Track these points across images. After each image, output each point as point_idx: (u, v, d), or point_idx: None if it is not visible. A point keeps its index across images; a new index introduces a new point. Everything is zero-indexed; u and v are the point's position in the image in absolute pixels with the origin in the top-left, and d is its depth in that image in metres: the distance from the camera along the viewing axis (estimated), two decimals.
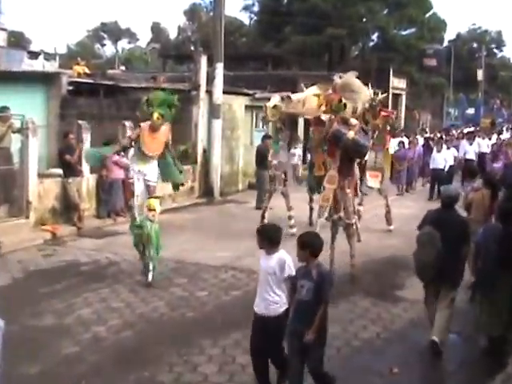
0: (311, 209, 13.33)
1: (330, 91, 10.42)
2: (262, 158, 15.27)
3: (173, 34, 74.75)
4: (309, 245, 5.58)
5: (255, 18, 53.36)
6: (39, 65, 31.61)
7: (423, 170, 21.47)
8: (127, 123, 15.00)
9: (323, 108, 10.34)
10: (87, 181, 13.74)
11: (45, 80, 15.62)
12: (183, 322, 7.93)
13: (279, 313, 5.67)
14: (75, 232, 12.74)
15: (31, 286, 9.18)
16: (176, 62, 49.11)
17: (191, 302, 8.67)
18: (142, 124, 9.76)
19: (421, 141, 23.22)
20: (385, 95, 12.00)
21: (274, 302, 5.68)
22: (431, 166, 19.41)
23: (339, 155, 9.71)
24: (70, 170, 13.08)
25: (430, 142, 22.37)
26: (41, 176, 12.83)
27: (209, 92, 18.25)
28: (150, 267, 9.33)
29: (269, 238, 5.73)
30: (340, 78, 10.45)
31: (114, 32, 77.53)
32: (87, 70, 25.62)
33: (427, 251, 6.89)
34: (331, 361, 6.29)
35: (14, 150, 12.55)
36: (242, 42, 53.53)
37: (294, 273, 5.66)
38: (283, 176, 12.99)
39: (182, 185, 10.97)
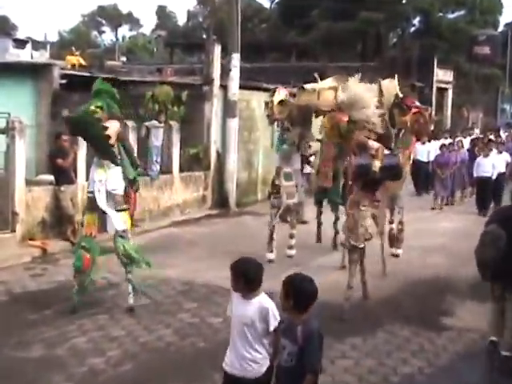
0: (319, 224, 13.19)
1: (335, 112, 10.40)
2: None
3: (181, 20, 75.49)
4: (292, 293, 4.79)
5: (277, 0, 53.61)
6: (27, 55, 32.04)
7: (465, 179, 20.70)
8: (129, 123, 15.11)
9: (329, 133, 10.39)
10: (82, 189, 13.80)
11: (33, 72, 15.76)
12: (193, 353, 7.96)
13: (260, 373, 5.07)
14: (68, 248, 12.79)
15: (17, 312, 9.24)
16: (185, 52, 49.51)
17: (202, 329, 8.70)
18: None
19: (466, 143, 22.55)
20: (405, 90, 11.90)
21: (253, 360, 5.08)
22: (475, 174, 18.79)
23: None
24: (63, 176, 13.19)
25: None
26: (29, 183, 12.94)
27: (223, 87, 18.35)
28: (130, 289, 9.33)
29: (246, 277, 5.07)
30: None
31: (113, 17, 78.25)
32: (82, 61, 25.91)
33: (486, 250, 7.28)
34: None
35: None
36: (262, 29, 53.78)
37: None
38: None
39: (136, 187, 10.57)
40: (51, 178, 13.42)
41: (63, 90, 16.51)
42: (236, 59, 18.23)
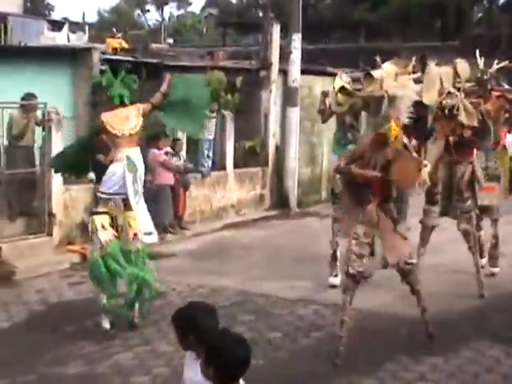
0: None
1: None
2: None
3: None
4: (215, 360, 3.90)
5: None
6: (63, 38, 32.59)
7: None
8: None
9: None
10: None
11: (71, 57, 15.98)
12: (249, 373, 7.92)
13: None
14: None
15: (54, 323, 9.39)
16: (239, 33, 49.66)
17: (260, 345, 8.65)
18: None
19: None
20: (502, 65, 11.30)
21: None
22: None
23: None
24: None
25: None
26: (67, 181, 13.13)
27: (283, 72, 18.36)
28: (136, 306, 9.17)
29: (195, 329, 4.23)
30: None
31: None
32: (125, 44, 26.23)
33: None
34: None
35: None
36: (326, 5, 53.52)
37: None
38: None
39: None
40: (92, 175, 13.58)
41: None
42: (297, 40, 18.21)
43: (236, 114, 17.18)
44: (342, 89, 10.76)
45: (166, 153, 14.52)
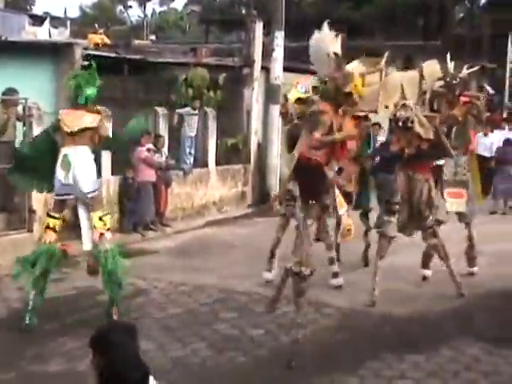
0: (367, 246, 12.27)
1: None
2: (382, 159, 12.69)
3: None
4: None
5: None
6: (45, 33, 32.31)
7: None
8: (160, 110, 15.19)
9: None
10: (107, 184, 13.94)
11: (53, 53, 15.91)
12: (231, 370, 7.98)
13: None
14: None
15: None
16: (222, 30, 49.58)
17: (242, 342, 8.72)
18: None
19: None
20: (472, 70, 11.27)
21: None
22: None
23: None
24: None
25: None
26: None
27: (265, 69, 18.38)
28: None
29: (105, 350, 3.86)
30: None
31: None
32: (107, 40, 26.11)
33: None
34: None
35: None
36: (309, 3, 53.56)
37: None
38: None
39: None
40: None
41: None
42: (280, 38, 18.23)
43: (218, 111, 17.18)
44: (299, 99, 10.75)
45: (148, 149, 14.47)
